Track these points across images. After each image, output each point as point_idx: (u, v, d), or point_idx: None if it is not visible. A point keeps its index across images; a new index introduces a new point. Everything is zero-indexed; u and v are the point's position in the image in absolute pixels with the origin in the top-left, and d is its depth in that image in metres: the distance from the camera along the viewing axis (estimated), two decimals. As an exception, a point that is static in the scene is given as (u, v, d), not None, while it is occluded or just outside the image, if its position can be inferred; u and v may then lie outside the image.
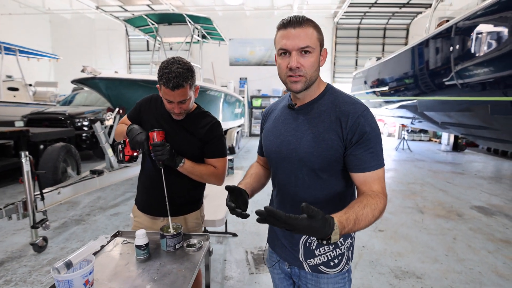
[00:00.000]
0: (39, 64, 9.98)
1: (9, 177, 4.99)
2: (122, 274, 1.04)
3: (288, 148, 0.95)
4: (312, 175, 0.93)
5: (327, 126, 0.89)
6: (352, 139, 0.86)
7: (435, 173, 5.81)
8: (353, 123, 0.85)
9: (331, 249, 0.97)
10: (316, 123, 0.91)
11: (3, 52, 7.69)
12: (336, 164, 0.90)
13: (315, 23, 0.89)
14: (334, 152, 0.88)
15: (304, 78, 0.87)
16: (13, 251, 2.67)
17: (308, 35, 0.84)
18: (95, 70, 3.47)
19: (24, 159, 2.46)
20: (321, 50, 0.89)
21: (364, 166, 0.86)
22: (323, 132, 0.89)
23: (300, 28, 0.84)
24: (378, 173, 0.87)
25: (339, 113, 0.88)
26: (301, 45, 0.84)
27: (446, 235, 3.06)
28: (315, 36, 0.86)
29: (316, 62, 0.87)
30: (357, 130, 0.85)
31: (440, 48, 4.40)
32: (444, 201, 4.15)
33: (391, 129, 11.97)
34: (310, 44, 0.84)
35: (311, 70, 0.87)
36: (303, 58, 0.85)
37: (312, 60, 0.86)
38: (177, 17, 5.61)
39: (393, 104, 6.90)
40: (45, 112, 6.26)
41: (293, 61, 0.84)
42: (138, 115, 1.38)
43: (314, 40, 0.85)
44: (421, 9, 10.29)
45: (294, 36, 0.84)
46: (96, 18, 12.28)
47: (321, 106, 0.93)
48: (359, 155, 0.86)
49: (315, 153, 0.89)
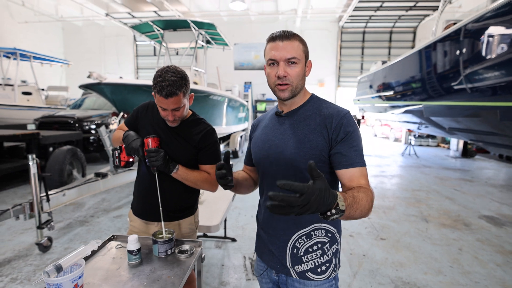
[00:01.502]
0: (52, 69, 10.30)
1: (21, 177, 5.14)
2: (112, 279, 1.06)
3: (276, 151, 1.00)
4: (299, 176, 0.96)
5: (312, 128, 0.95)
6: (337, 138, 0.92)
7: (442, 180, 5.70)
8: (337, 123, 0.92)
9: (319, 256, 0.99)
10: (301, 126, 0.98)
11: (18, 58, 7.97)
12: (322, 165, 0.94)
13: (301, 37, 0.98)
14: (319, 152, 0.93)
15: (291, 86, 0.95)
16: (20, 250, 2.75)
17: (294, 47, 0.93)
18: (100, 76, 3.57)
19: (31, 161, 2.54)
20: (306, 61, 0.98)
21: (350, 162, 0.90)
22: (308, 134, 0.95)
23: (287, 41, 0.93)
24: (363, 171, 0.91)
25: (323, 116, 0.96)
26: (288, 56, 0.92)
27: (452, 245, 2.98)
28: (301, 49, 0.95)
29: (301, 72, 0.96)
30: (341, 130, 0.92)
31: (449, 51, 4.32)
32: (450, 209, 4.06)
33: (397, 134, 11.82)
34: (296, 55, 0.93)
35: (296, 79, 0.95)
36: (289, 68, 0.93)
37: (297, 70, 0.94)
38: (181, 23, 5.72)
39: (399, 109, 6.83)
40: (56, 115, 6.44)
41: (281, 70, 0.93)
42: (135, 121, 1.42)
43: (299, 52, 0.94)
44: (429, 12, 10.21)
45: (282, 48, 0.92)
46: (105, 24, 12.62)
47: (306, 111, 1.00)
48: (345, 152, 0.91)
49: (301, 153, 0.94)
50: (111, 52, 12.95)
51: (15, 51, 7.81)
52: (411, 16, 10.77)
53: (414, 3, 9.51)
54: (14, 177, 4.98)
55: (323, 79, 12.14)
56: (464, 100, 4.18)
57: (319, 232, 0.99)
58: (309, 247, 0.99)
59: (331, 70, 12.04)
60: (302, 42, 0.96)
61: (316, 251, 0.99)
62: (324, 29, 11.80)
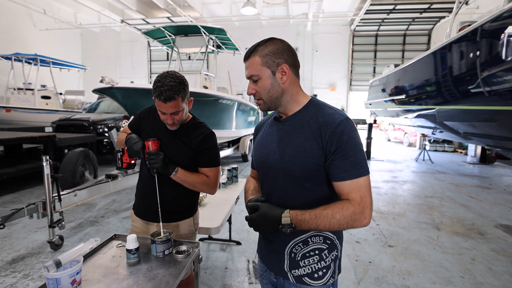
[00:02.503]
0: (70, 74, 10.73)
1: (38, 178, 5.35)
2: (110, 276, 1.10)
3: (274, 158, 0.99)
4: (295, 184, 0.95)
5: (308, 136, 0.92)
6: (331, 148, 0.88)
7: (457, 187, 5.51)
8: (331, 132, 0.88)
9: (316, 261, 0.98)
10: (298, 133, 0.95)
11: (39, 64, 8.36)
12: (318, 173, 0.92)
13: (262, 49, 0.94)
14: (315, 160, 0.90)
15: (262, 100, 0.98)
16: (33, 248, 2.86)
17: (252, 65, 0.95)
18: (112, 80, 3.69)
19: (45, 163, 2.65)
20: (273, 70, 0.93)
21: (342, 175, 0.87)
22: (304, 142, 0.92)
23: (247, 61, 0.96)
24: (359, 182, 0.87)
25: (319, 123, 0.92)
26: (248, 75, 0.97)
27: (464, 255, 2.87)
28: (258, 63, 0.94)
29: (267, 85, 0.95)
30: (335, 139, 0.87)
31: (465, 53, 4.19)
32: (464, 217, 3.92)
33: (412, 139, 11.53)
34: (254, 72, 0.95)
35: (264, 93, 0.96)
36: (254, 85, 0.97)
37: (261, 85, 0.95)
38: (192, 28, 5.85)
39: (412, 113, 6.67)
40: (72, 118, 6.69)
41: (248, 89, 0.99)
42: (138, 124, 1.46)
43: (257, 67, 0.94)
44: (444, 14, 9.97)
45: (246, 67, 0.97)
46: (121, 31, 13.05)
47: (303, 117, 0.97)
48: (338, 164, 0.87)
49: (296, 161, 0.92)
50: (126, 57, 13.37)
51: (36, 57, 8.19)
52: (426, 18, 10.56)
53: (429, 5, 9.32)
54: (32, 177, 5.19)
55: (335, 83, 12.04)
56: (481, 104, 4.03)
57: (317, 239, 0.98)
58: (306, 252, 0.98)
59: (342, 74, 11.94)
60: (262, 54, 0.92)
61: (313, 256, 0.98)
62: (336, 33, 11.73)
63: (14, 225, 3.32)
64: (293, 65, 0.96)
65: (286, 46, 0.96)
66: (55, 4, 10.47)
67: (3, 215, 2.39)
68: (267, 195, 1.06)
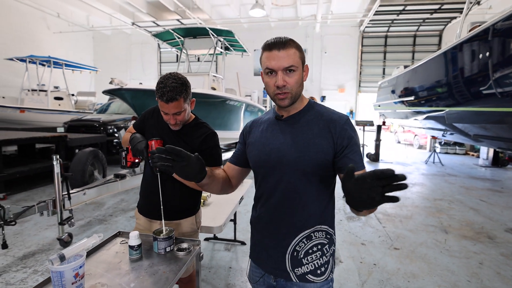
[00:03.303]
0: (82, 75, 11.01)
1: (50, 177, 5.50)
2: (112, 271, 1.13)
3: (278, 155, 1.00)
4: (304, 180, 0.98)
5: (317, 133, 0.97)
6: (342, 142, 0.95)
7: (468, 190, 5.39)
8: (340, 128, 0.96)
9: (318, 257, 1.00)
10: (305, 130, 0.99)
11: (52, 65, 8.61)
12: (327, 169, 0.97)
13: (297, 43, 0.98)
14: (324, 155, 0.95)
15: (290, 94, 0.96)
16: (43, 244, 2.95)
17: (291, 55, 0.93)
18: (121, 82, 3.77)
19: (55, 162, 2.73)
20: (303, 67, 0.98)
21: (356, 165, 0.93)
22: (312, 138, 0.97)
23: (283, 50, 0.93)
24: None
25: (326, 121, 0.98)
26: (285, 65, 0.92)
27: (471, 258, 2.81)
28: (297, 56, 0.95)
29: (299, 79, 0.97)
30: (345, 135, 0.95)
31: (476, 53, 4.10)
32: (473, 221, 3.83)
33: (422, 141, 11.33)
34: (294, 63, 0.93)
35: (295, 87, 0.96)
36: (288, 77, 0.94)
37: (296, 77, 0.95)
38: (201, 30, 5.92)
39: (422, 115, 6.56)
40: (83, 119, 6.86)
41: (280, 80, 0.93)
42: (142, 124, 1.50)
43: (296, 59, 0.94)
44: (455, 14, 9.78)
45: (279, 57, 0.92)
46: (132, 33, 13.31)
47: (307, 116, 1.02)
48: (351, 156, 0.95)
49: (307, 157, 0.96)
50: (136, 59, 13.62)
51: (49, 59, 8.44)
52: (437, 19, 10.37)
53: (439, 5, 9.16)
54: (44, 176, 5.34)
55: (343, 84, 11.95)
56: (493, 106, 3.95)
57: (320, 234, 1.00)
58: (309, 248, 0.99)
59: (351, 75, 11.84)
60: (298, 48, 0.97)
61: (316, 252, 0.99)
62: (345, 34, 11.66)
63: (26, 222, 3.43)
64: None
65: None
66: (69, 8, 10.78)
67: (14, 212, 2.47)
68: (267, 195, 1.05)
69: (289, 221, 1.01)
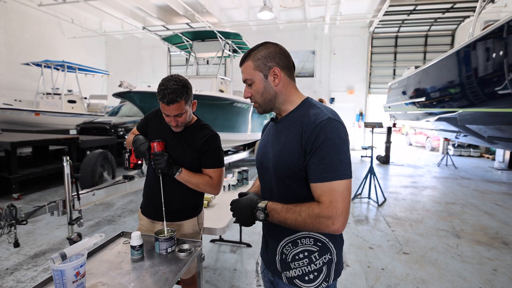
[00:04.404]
0: (94, 79, 11.29)
1: (62, 178, 5.64)
2: (114, 270, 1.15)
3: (267, 158, 1.02)
4: (281, 184, 0.97)
5: (292, 136, 0.93)
6: (307, 148, 0.88)
7: (482, 194, 5.21)
8: (310, 133, 0.88)
9: (306, 264, 0.97)
10: (286, 133, 0.96)
11: (66, 70, 8.87)
12: (301, 174, 0.92)
13: (255, 52, 0.98)
14: (296, 160, 0.90)
15: (257, 103, 1.02)
16: (54, 244, 3.02)
17: (245, 70, 1.00)
18: (130, 85, 3.85)
19: (65, 163, 2.80)
20: (265, 73, 0.97)
21: (315, 176, 0.86)
22: (287, 142, 0.94)
23: (242, 65, 1.01)
24: (332, 186, 0.84)
25: (302, 124, 0.91)
26: (243, 79, 1.02)
27: (485, 265, 2.71)
28: (251, 67, 0.98)
29: (259, 88, 0.99)
30: (312, 140, 0.87)
31: (490, 52, 3.97)
32: (488, 225, 3.70)
33: (434, 143, 11.06)
34: (247, 77, 1.00)
35: (258, 96, 1.00)
36: (250, 88, 1.01)
37: (255, 88, 0.99)
38: (209, 33, 5.98)
39: (434, 116, 6.41)
40: (94, 121, 7.02)
41: (244, 93, 1.04)
42: (145, 126, 1.52)
43: (250, 71, 0.99)
44: (469, 13, 9.51)
45: (241, 72, 1.02)
46: (143, 37, 13.57)
47: (292, 118, 0.98)
48: (313, 165, 0.87)
49: (280, 161, 0.94)
50: (147, 63, 13.86)
51: (63, 64, 8.69)
52: (449, 18, 10.11)
53: (452, 4, 8.94)
54: (56, 177, 5.48)
55: (353, 86, 11.80)
56: (509, 107, 3.81)
57: (307, 241, 0.97)
58: (296, 254, 0.98)
59: (361, 76, 11.69)
60: (255, 59, 0.97)
61: (303, 259, 0.97)
62: (354, 35, 11.53)
63: (38, 222, 3.52)
64: (285, 67, 0.98)
65: (279, 50, 0.99)
66: (82, 14, 11.08)
67: (26, 212, 2.54)
68: (263, 195, 1.09)
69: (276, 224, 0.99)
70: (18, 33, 9.81)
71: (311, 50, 11.87)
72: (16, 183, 4.27)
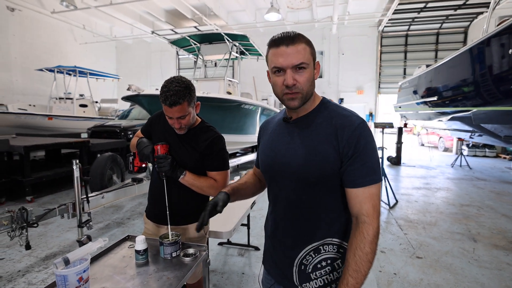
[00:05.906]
0: (105, 83, 11.50)
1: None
2: (118, 275, 1.13)
3: (283, 161, 0.94)
4: (308, 189, 0.90)
5: (323, 139, 0.87)
6: (348, 152, 0.84)
7: (499, 195, 5.02)
8: (349, 136, 0.84)
9: (328, 272, 0.92)
10: (312, 136, 0.90)
11: (77, 75, 9.07)
12: (332, 178, 0.87)
13: (306, 38, 0.89)
14: (330, 164, 0.86)
15: (301, 94, 0.87)
16: (64, 246, 3.06)
17: (300, 51, 0.84)
18: (138, 88, 3.88)
19: (75, 166, 2.83)
20: (314, 64, 0.89)
21: (357, 181, 0.84)
22: (318, 145, 0.87)
23: (292, 45, 0.84)
24: (371, 190, 0.84)
25: (334, 126, 0.87)
26: (295, 62, 0.84)
27: (504, 270, 2.60)
28: (308, 52, 0.86)
29: (311, 77, 0.88)
30: (353, 143, 0.83)
31: (506, 49, 3.82)
32: (506, 228, 3.55)
33: (447, 143, 10.76)
34: (304, 60, 0.84)
35: (306, 86, 0.87)
36: (298, 75, 0.85)
37: (307, 75, 0.86)
38: (216, 36, 6.00)
39: (446, 116, 6.23)
40: (105, 125, 7.14)
41: (289, 79, 0.84)
42: (149, 129, 1.51)
43: (307, 55, 0.85)
44: (482, 9, 9.24)
45: (287, 54, 0.83)
46: (152, 41, 13.78)
47: (316, 119, 0.92)
48: (353, 169, 0.84)
49: (311, 165, 0.87)
50: (156, 66, 14.07)
51: (75, 69, 8.89)
52: (461, 15, 9.85)
53: (464, 0, 8.71)
54: (68, 180, 5.57)
55: (362, 86, 11.64)
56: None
57: (330, 247, 0.92)
58: (318, 263, 0.92)
59: (370, 76, 11.52)
60: (309, 44, 0.87)
61: (325, 267, 0.91)
62: (363, 35, 11.38)
63: (49, 224, 3.58)
64: None
65: None
66: (93, 20, 11.33)
67: (37, 215, 2.58)
68: (273, 199, 1.02)
69: (294, 232, 0.94)
70: (32, 40, 10.11)
71: (319, 50, 11.77)
72: (29, 186, 4.36)
